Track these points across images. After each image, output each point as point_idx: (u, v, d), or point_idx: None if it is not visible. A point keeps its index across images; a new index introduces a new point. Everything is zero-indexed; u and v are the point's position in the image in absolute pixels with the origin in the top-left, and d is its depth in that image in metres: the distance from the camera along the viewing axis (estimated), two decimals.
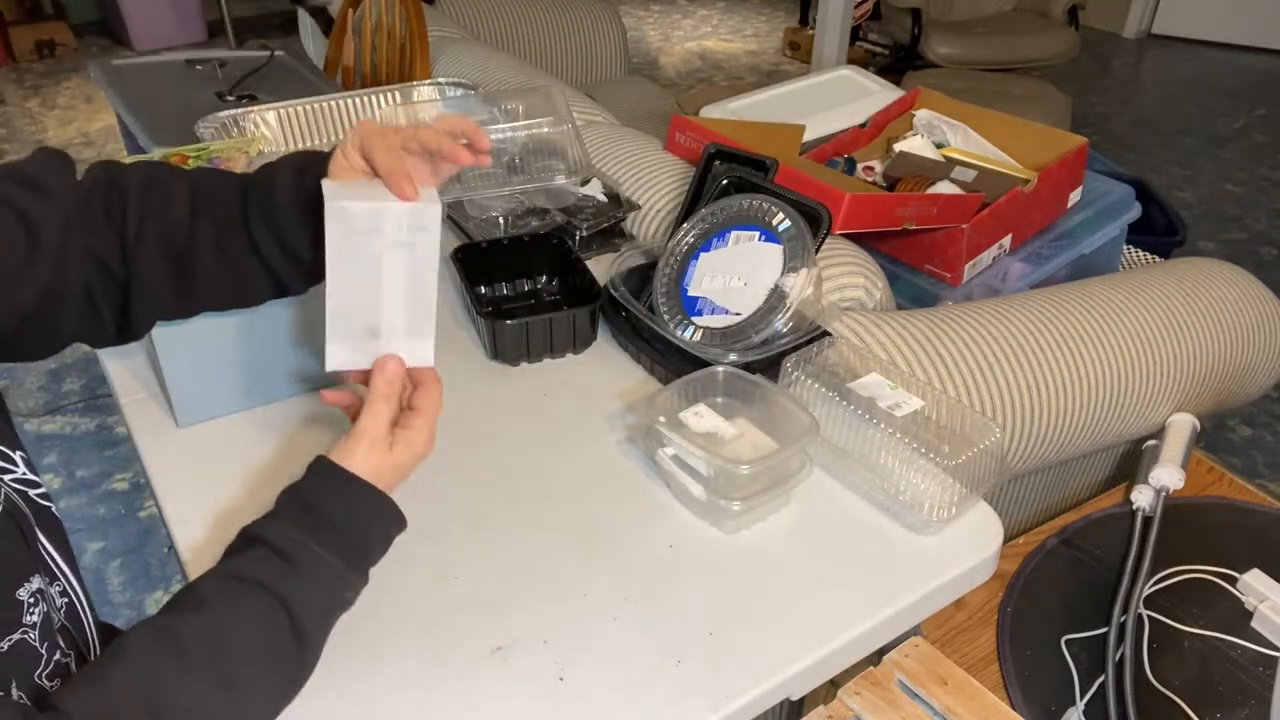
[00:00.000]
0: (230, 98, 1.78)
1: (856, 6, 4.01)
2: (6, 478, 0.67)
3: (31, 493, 0.69)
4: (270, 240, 0.76)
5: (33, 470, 0.69)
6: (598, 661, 0.74)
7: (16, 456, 0.68)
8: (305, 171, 0.76)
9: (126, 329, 0.78)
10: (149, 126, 1.60)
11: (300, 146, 1.55)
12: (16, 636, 0.61)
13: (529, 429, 0.97)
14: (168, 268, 0.76)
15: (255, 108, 1.52)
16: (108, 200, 0.75)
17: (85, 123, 4.01)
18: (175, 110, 1.64)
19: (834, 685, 0.85)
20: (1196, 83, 4.66)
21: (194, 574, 0.80)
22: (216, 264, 0.77)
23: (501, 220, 1.32)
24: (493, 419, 0.98)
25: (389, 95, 1.60)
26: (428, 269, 0.73)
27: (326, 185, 0.72)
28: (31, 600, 0.63)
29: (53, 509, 0.70)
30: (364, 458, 0.70)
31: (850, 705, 0.84)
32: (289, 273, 0.78)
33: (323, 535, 0.67)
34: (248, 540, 0.67)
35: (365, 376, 0.74)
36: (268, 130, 1.52)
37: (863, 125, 1.68)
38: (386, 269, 0.72)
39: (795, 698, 0.76)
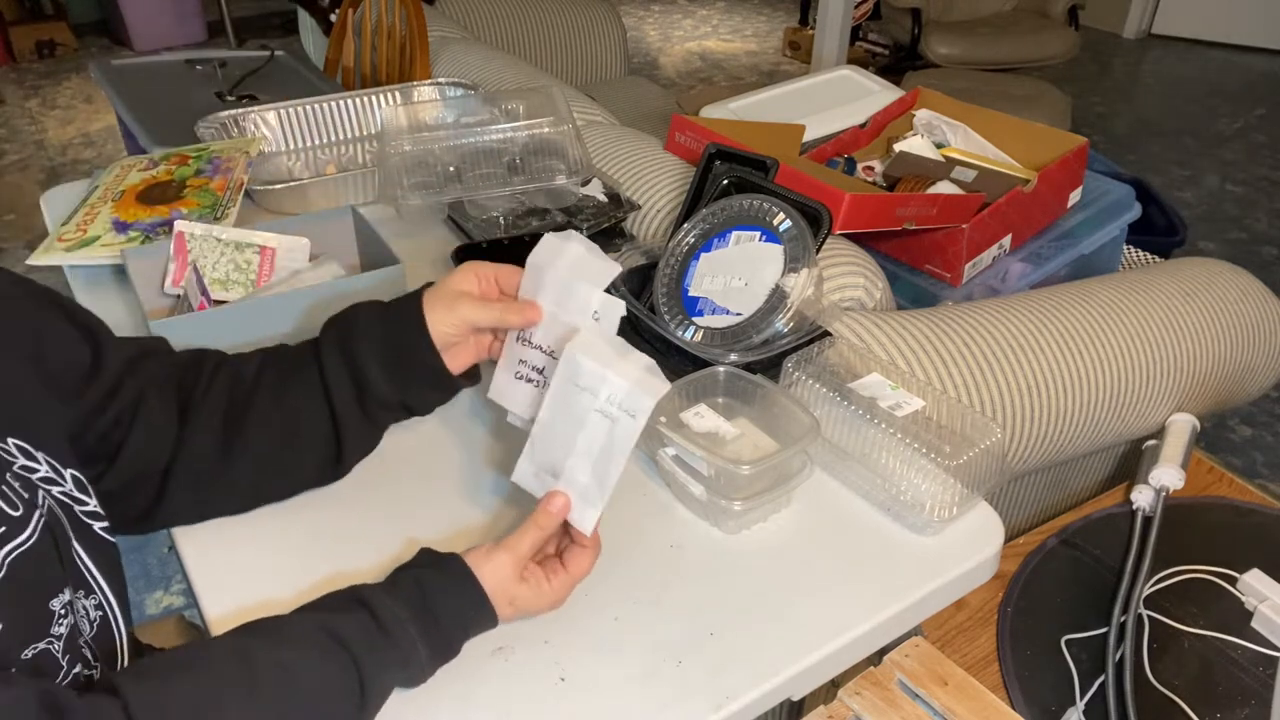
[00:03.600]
0: (230, 98, 1.78)
1: (856, 6, 4.01)
2: (54, 490, 0.67)
3: (77, 508, 0.69)
4: (342, 368, 0.79)
5: (83, 490, 0.70)
6: (598, 661, 0.74)
7: (66, 474, 0.69)
8: (390, 315, 0.80)
9: (157, 504, 0.79)
10: (149, 126, 1.60)
11: (300, 146, 1.55)
12: (41, 645, 0.62)
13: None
14: (224, 409, 0.79)
15: (255, 108, 1.52)
16: (188, 365, 0.80)
17: (85, 123, 4.01)
18: (175, 110, 1.65)
19: (834, 685, 0.85)
20: (1196, 83, 4.66)
21: (195, 575, 0.80)
22: (273, 407, 0.79)
23: (501, 220, 1.32)
24: (493, 419, 0.98)
25: (389, 95, 1.60)
26: (620, 449, 0.73)
27: (581, 334, 0.76)
28: (62, 612, 0.64)
29: (95, 527, 0.71)
30: (495, 570, 0.71)
31: (850, 705, 0.84)
32: (350, 407, 0.80)
33: (425, 625, 0.67)
34: (356, 601, 0.67)
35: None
36: (268, 130, 1.52)
37: (863, 125, 1.68)
38: (588, 429, 0.74)
39: (796, 698, 0.76)
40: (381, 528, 0.85)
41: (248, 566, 0.81)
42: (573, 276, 0.79)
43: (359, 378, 0.79)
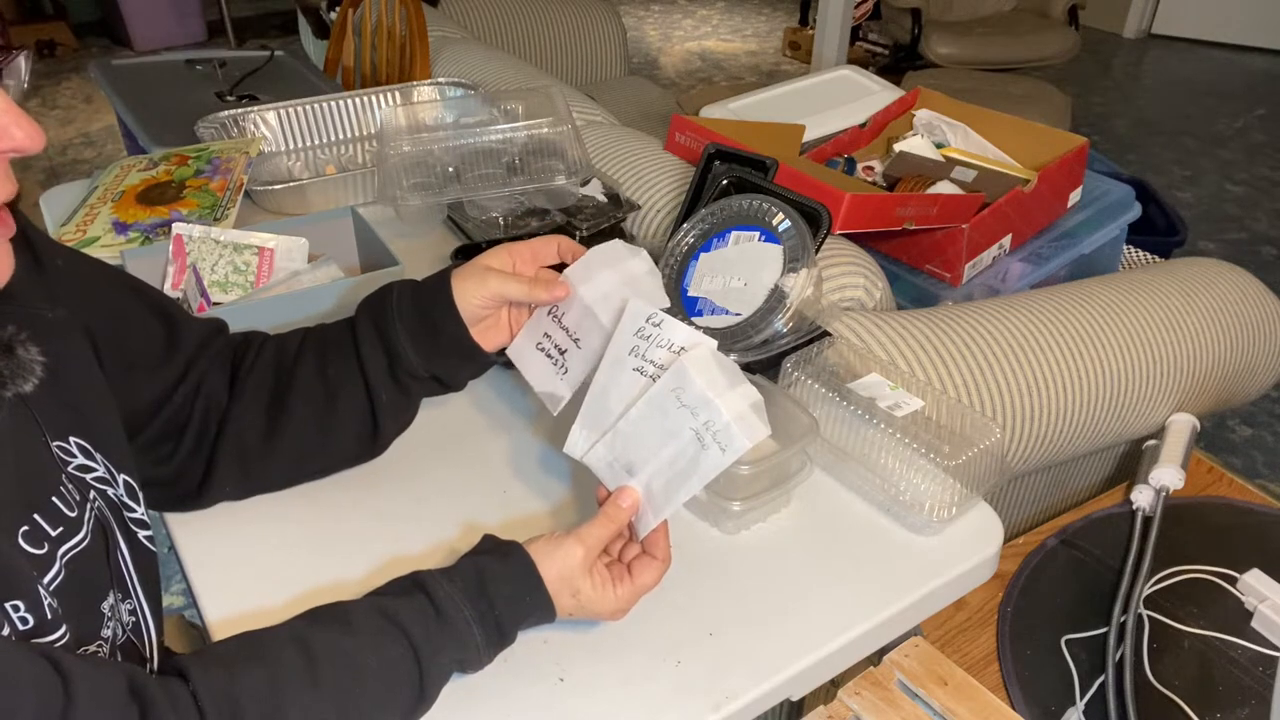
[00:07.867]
0: (230, 98, 1.78)
1: (856, 6, 4.01)
2: (108, 491, 0.69)
3: (125, 514, 0.70)
4: (374, 339, 0.81)
5: (133, 497, 0.71)
6: (598, 661, 0.74)
7: (120, 479, 0.70)
8: (421, 288, 0.81)
9: (207, 478, 0.81)
10: (149, 126, 1.60)
11: (300, 146, 1.55)
12: (92, 648, 0.63)
13: (529, 429, 0.97)
14: (269, 384, 0.81)
15: (255, 108, 1.52)
16: (238, 344, 0.83)
17: (85, 123, 4.01)
18: (175, 110, 1.65)
19: (834, 685, 0.85)
20: (1196, 83, 4.66)
21: (194, 575, 0.81)
22: (313, 380, 0.81)
23: (501, 220, 1.32)
24: (492, 418, 0.98)
25: (389, 95, 1.60)
26: (700, 476, 0.72)
27: (702, 347, 0.75)
28: (108, 614, 0.66)
29: (140, 535, 0.72)
30: (563, 557, 0.71)
31: (850, 705, 0.84)
32: (383, 378, 0.81)
33: (480, 609, 0.68)
34: (414, 585, 0.68)
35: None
36: (267, 130, 1.52)
37: (863, 125, 1.68)
38: (678, 443, 0.73)
39: (795, 698, 0.76)
40: (376, 530, 0.85)
41: (248, 567, 0.81)
42: (626, 287, 0.79)
43: (390, 349, 0.81)
